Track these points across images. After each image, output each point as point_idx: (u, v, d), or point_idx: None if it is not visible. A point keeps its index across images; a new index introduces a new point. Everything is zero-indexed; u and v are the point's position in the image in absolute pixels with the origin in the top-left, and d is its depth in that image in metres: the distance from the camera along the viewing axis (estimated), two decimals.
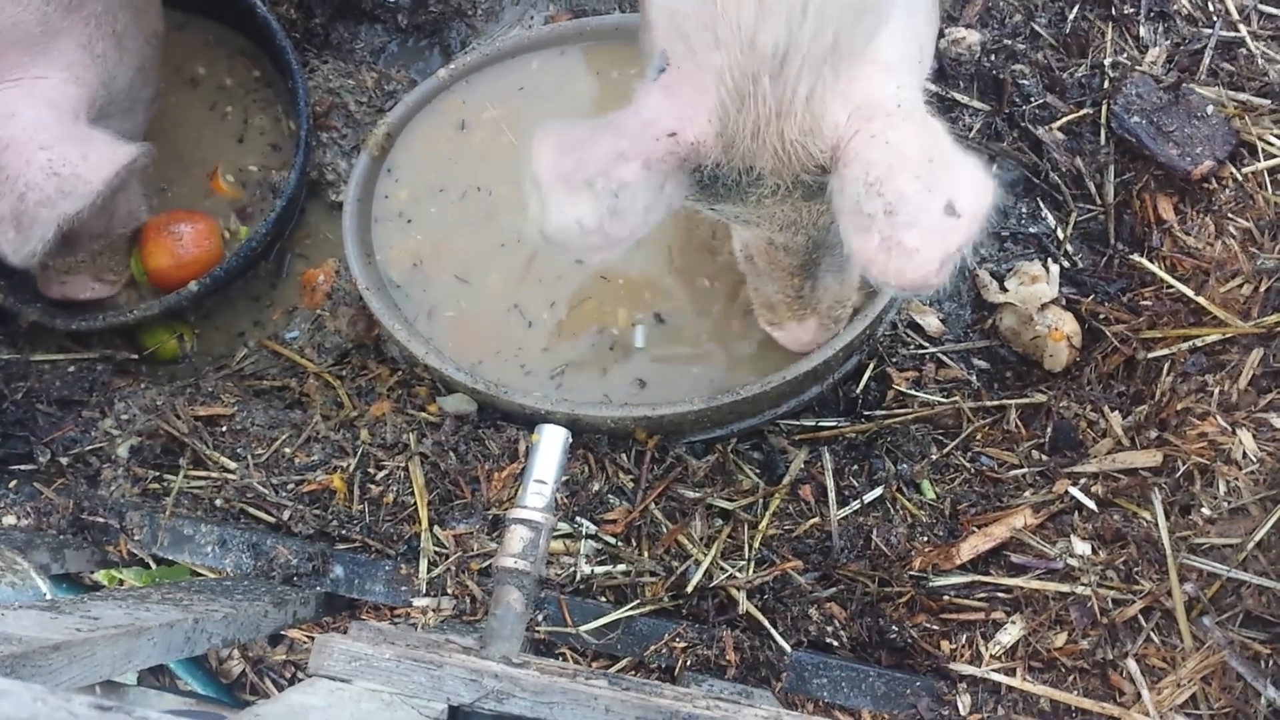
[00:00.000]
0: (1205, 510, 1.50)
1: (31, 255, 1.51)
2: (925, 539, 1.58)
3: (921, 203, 1.03)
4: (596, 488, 1.60)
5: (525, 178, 1.12)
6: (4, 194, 1.48)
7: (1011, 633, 1.49)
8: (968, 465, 1.65)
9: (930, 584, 1.54)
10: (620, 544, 1.56)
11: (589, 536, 1.56)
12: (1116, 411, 1.65)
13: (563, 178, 1.09)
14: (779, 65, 1.06)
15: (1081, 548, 1.52)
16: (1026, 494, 1.60)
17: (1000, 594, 1.52)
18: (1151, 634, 1.45)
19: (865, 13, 1.07)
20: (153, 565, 1.61)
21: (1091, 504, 1.55)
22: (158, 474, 1.67)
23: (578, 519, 1.56)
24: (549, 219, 1.10)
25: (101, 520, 1.58)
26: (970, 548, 1.55)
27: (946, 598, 1.53)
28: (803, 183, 1.16)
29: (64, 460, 1.69)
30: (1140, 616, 1.46)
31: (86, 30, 1.60)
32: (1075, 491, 1.56)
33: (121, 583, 1.83)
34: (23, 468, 1.70)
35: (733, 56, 1.07)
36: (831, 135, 1.09)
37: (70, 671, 1.02)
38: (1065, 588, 1.49)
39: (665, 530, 1.57)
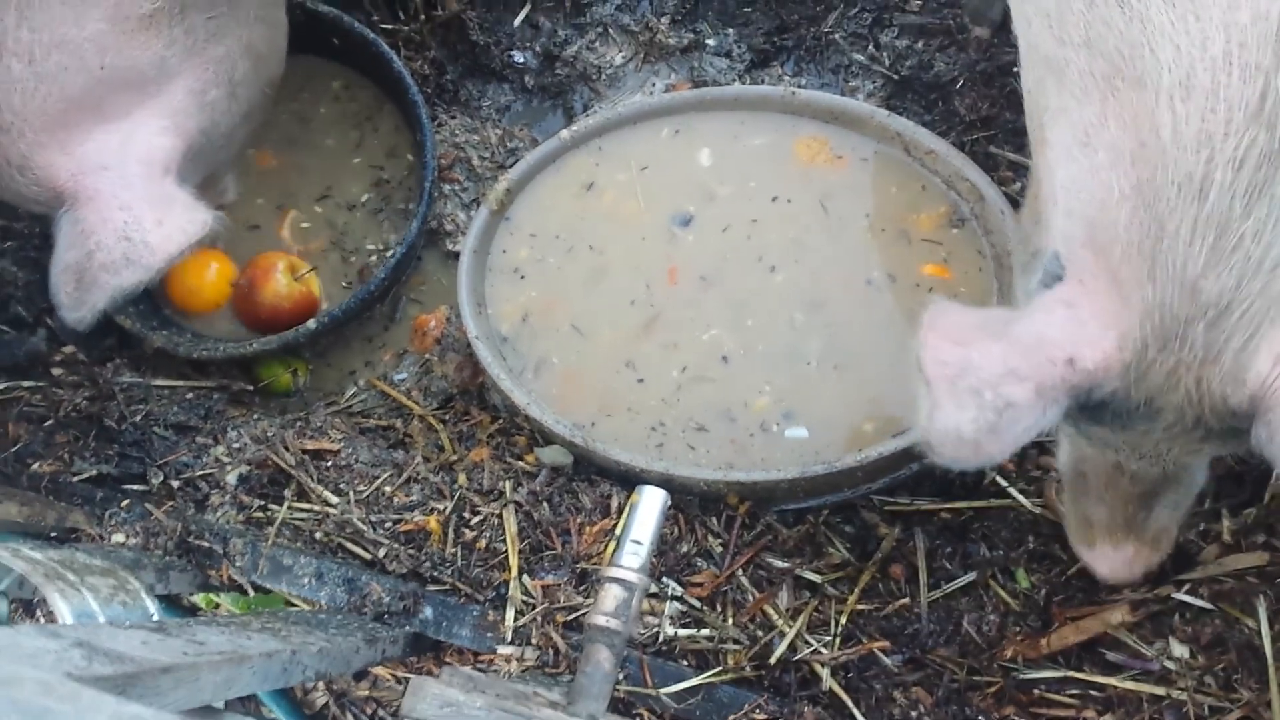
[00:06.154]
0: None
1: (81, 322, 1.48)
2: (1018, 629, 1.55)
3: None
4: (685, 549, 1.60)
5: (913, 361, 1.10)
6: (75, 245, 1.45)
7: None
8: (1064, 557, 1.62)
9: (1021, 676, 1.51)
10: (705, 608, 1.56)
11: (674, 598, 1.56)
12: (1225, 515, 1.60)
13: (948, 379, 1.06)
14: (1217, 315, 1.02)
15: (1179, 650, 1.48)
16: (1125, 590, 1.56)
17: (1093, 691, 1.48)
18: None
19: None
20: (250, 592, 1.66)
21: (1193, 606, 1.51)
22: (263, 503, 1.72)
23: (664, 579, 1.57)
24: (933, 419, 1.07)
25: (206, 545, 1.64)
26: (1060, 639, 1.52)
27: (1037, 691, 1.50)
28: (1205, 424, 1.10)
29: (175, 483, 1.76)
30: None
31: (203, 77, 1.57)
32: (1177, 593, 1.52)
33: (218, 607, 1.88)
34: (135, 488, 1.77)
35: (1166, 296, 1.02)
36: (1254, 383, 1.04)
37: (175, 694, 1.05)
38: (1160, 690, 1.45)
39: (751, 598, 1.57)
